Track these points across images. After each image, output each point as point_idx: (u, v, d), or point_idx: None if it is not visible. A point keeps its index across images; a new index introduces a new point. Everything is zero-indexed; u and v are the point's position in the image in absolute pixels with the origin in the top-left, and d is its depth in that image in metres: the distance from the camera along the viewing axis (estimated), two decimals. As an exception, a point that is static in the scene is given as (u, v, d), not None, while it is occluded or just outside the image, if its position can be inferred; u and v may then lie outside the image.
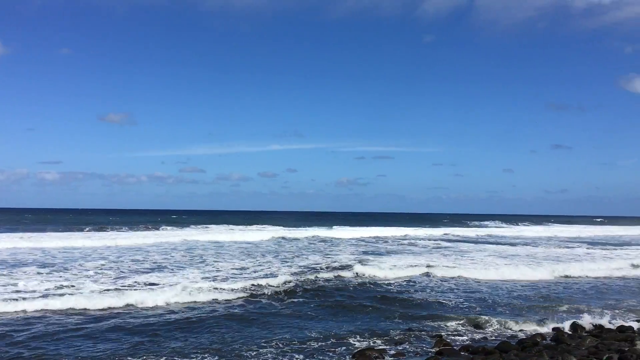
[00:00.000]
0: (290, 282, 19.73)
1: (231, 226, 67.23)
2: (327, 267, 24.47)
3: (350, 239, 47.82)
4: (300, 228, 63.04)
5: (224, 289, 18.08)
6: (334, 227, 67.41)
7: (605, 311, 15.61)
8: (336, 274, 22.18)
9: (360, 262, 26.38)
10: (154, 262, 25.87)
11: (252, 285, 19.00)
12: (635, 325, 13.77)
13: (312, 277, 21.21)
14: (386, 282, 20.88)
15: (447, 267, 25.13)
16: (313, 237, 48.53)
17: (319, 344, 12.21)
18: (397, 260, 28.19)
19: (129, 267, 23.88)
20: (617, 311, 16.02)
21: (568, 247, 40.54)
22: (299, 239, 45.21)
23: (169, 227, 61.60)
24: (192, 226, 65.72)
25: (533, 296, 18.55)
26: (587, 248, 39.82)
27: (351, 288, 19.28)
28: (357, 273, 22.56)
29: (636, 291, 19.95)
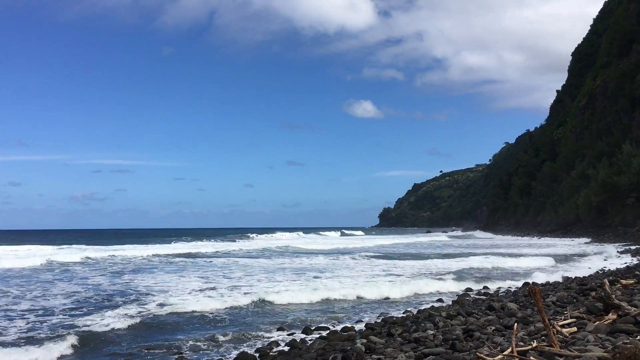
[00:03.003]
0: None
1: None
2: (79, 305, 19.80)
3: (96, 259, 41.10)
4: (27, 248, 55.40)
5: None
6: (65, 246, 60.57)
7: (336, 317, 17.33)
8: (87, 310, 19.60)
9: (125, 289, 22.82)
10: None
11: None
12: (356, 326, 15.45)
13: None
14: (151, 311, 17.18)
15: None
16: (48, 262, 37.68)
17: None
18: (169, 282, 24.89)
19: None
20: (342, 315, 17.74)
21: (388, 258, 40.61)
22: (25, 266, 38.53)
23: None
24: None
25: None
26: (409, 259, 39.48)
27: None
28: (120, 304, 18.77)
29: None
